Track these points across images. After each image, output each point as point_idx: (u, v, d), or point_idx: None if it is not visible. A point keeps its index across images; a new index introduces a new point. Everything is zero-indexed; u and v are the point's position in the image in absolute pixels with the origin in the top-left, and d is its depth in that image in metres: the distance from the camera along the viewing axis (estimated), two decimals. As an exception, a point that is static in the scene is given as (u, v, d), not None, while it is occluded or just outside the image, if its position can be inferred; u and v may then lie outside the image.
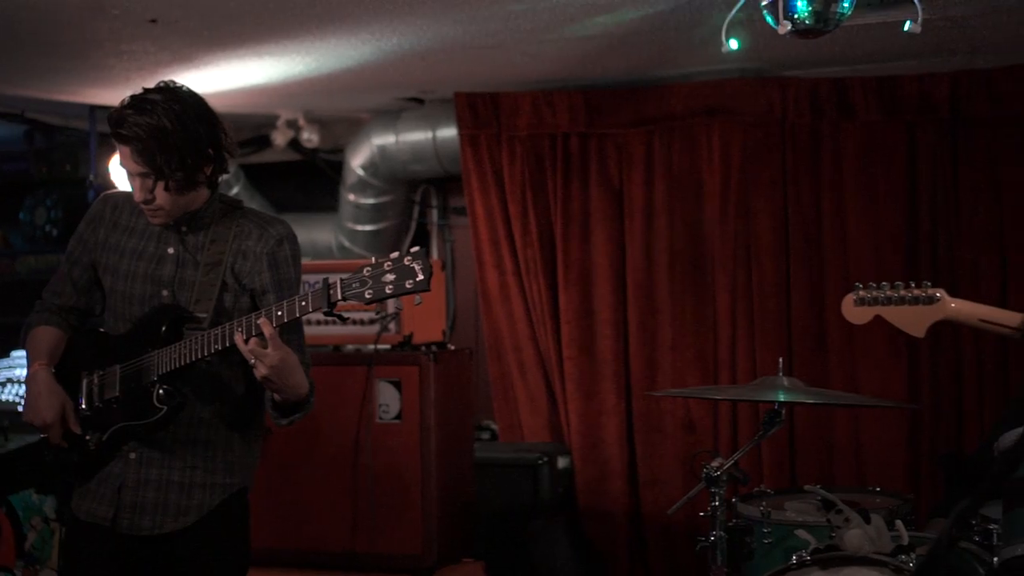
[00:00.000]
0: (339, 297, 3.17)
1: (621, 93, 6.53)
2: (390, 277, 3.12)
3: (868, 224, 6.21)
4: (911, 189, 6.19)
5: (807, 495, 4.16)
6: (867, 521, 3.69)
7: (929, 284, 3.15)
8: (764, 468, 6.24)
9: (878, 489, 4.65)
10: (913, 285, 3.15)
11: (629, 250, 6.55)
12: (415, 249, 3.15)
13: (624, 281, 6.56)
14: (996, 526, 3.85)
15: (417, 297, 3.16)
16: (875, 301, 3.15)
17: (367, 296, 3.14)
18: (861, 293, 3.22)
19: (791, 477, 6.16)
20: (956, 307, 3.12)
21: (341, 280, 3.16)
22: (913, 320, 3.11)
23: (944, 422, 6.14)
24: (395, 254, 3.14)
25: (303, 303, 3.21)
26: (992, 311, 3.05)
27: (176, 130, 3.32)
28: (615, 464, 6.55)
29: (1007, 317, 3.01)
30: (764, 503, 4.30)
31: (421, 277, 3.10)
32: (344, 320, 3.28)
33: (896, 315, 3.15)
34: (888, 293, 3.15)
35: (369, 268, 3.14)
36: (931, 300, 3.10)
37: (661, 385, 6.44)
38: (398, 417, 5.60)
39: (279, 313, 3.23)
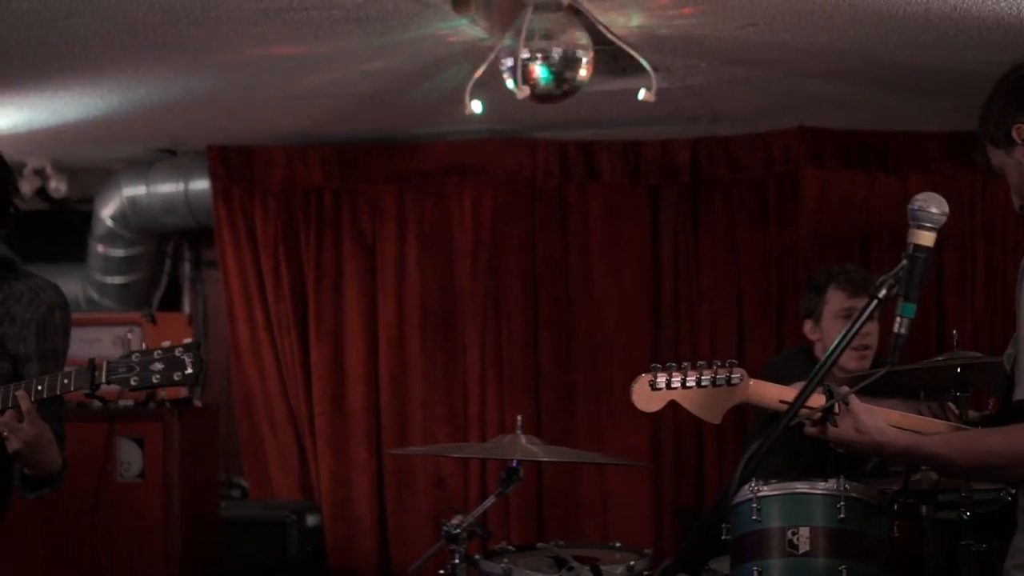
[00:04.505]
0: (103, 380, 3.09)
1: (375, 149, 6.57)
2: (159, 366, 3.06)
3: (614, 283, 6.39)
4: (654, 249, 6.40)
5: (544, 551, 4.23)
6: (598, 577, 3.77)
7: (735, 363, 2.76)
8: (512, 524, 6.31)
9: (618, 544, 4.75)
10: (718, 364, 2.76)
11: (381, 306, 6.56)
12: (187, 341, 3.11)
13: (376, 336, 6.57)
14: (726, 580, 3.99)
15: (184, 389, 3.12)
16: (672, 385, 2.73)
17: (132, 383, 3.08)
18: (659, 376, 2.73)
19: (538, 532, 6.24)
20: (758, 390, 2.77)
21: (108, 363, 3.08)
22: (711, 405, 2.74)
23: (685, 478, 6.32)
24: (167, 343, 3.08)
25: (65, 381, 3.11)
26: (793, 392, 2.71)
27: None
28: (365, 521, 6.53)
29: (810, 399, 2.66)
30: (506, 559, 4.34)
31: (190, 371, 3.06)
32: (106, 402, 3.20)
33: (693, 400, 2.73)
34: (688, 376, 2.73)
35: (138, 354, 3.07)
36: (733, 382, 2.73)
37: (412, 441, 6.46)
38: (140, 476, 5.47)
39: (39, 387, 3.11)
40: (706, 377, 2.73)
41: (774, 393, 2.76)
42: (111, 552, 5.40)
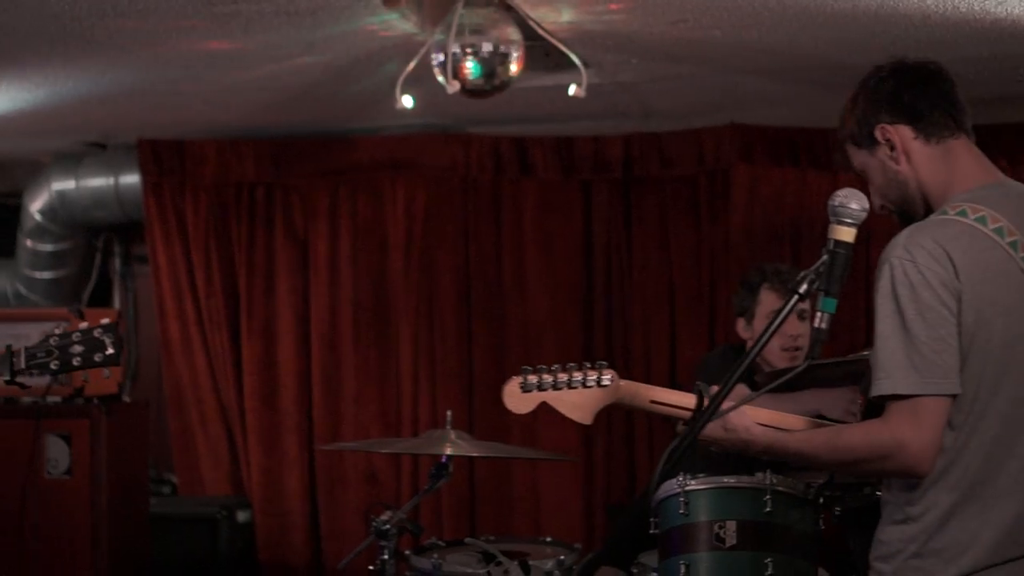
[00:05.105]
0: (22, 366, 3.06)
1: (308, 144, 6.53)
2: (78, 348, 3.04)
3: (546, 279, 6.40)
4: (587, 245, 6.41)
5: (473, 547, 4.23)
6: (526, 572, 3.78)
7: (604, 364, 2.80)
8: (444, 519, 6.32)
9: (548, 539, 4.76)
10: (587, 366, 2.80)
11: (313, 302, 6.54)
12: (105, 321, 3.08)
13: (308, 332, 6.54)
14: (655, 574, 4.02)
15: (106, 371, 3.09)
16: (543, 386, 2.77)
17: (53, 367, 3.06)
18: (530, 378, 2.78)
19: (470, 528, 6.24)
20: (628, 390, 2.83)
21: (26, 348, 3.06)
22: (581, 405, 2.79)
23: (617, 472, 6.35)
24: (84, 324, 3.06)
25: None
26: (663, 392, 2.85)
27: None
28: (296, 517, 6.50)
29: (680, 399, 2.83)
30: (436, 555, 4.34)
31: (111, 351, 3.04)
32: (25, 388, 3.17)
33: (563, 401, 2.79)
34: (558, 377, 2.78)
35: (56, 338, 3.05)
36: (603, 383, 2.78)
37: (344, 437, 6.44)
38: (67, 473, 5.42)
39: None
40: (576, 378, 2.78)
41: (645, 393, 2.84)
42: (38, 549, 5.34)
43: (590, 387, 2.78)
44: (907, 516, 2.63)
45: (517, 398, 2.82)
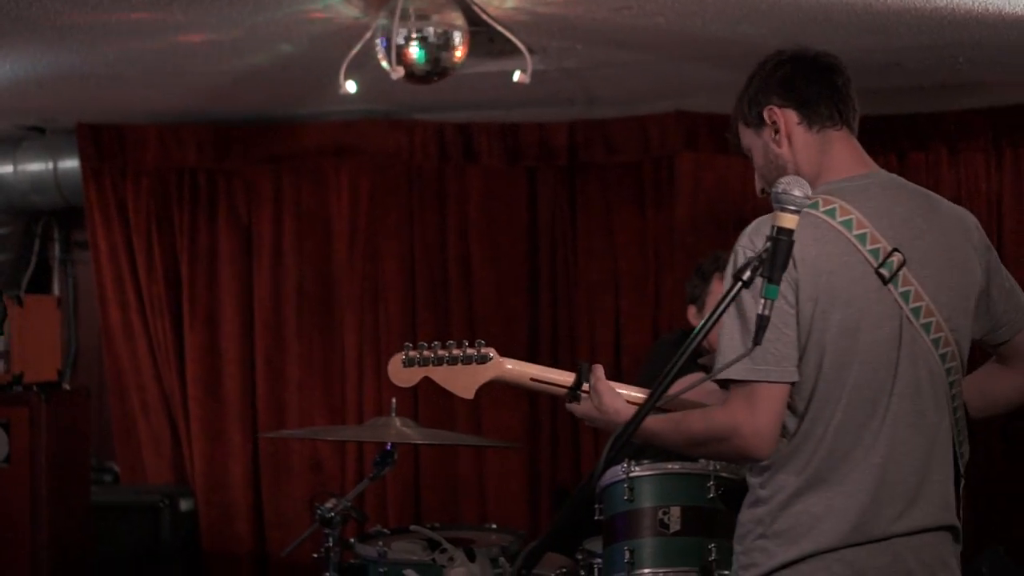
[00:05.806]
0: None
1: (252, 129, 6.48)
2: None
3: (491, 266, 6.38)
4: (532, 232, 6.40)
5: (417, 534, 4.23)
6: (472, 559, 3.78)
7: (483, 343, 2.92)
8: (390, 507, 6.30)
9: (494, 526, 4.78)
10: (467, 344, 2.91)
11: (257, 289, 6.49)
12: None
13: (251, 319, 6.49)
14: (599, 560, 4.03)
15: None
16: (424, 362, 2.89)
17: None
18: (411, 353, 2.90)
19: (416, 515, 6.23)
20: (508, 367, 2.95)
21: None
22: (463, 381, 2.89)
23: (563, 459, 6.35)
24: None
25: None
26: (544, 370, 2.95)
27: None
28: (240, 506, 6.46)
29: (560, 377, 2.94)
30: (381, 542, 4.35)
31: None
32: None
33: (445, 376, 2.90)
34: (439, 353, 2.90)
35: None
36: (483, 359, 2.89)
37: (289, 425, 6.40)
38: (6, 461, 5.35)
39: None
40: (456, 354, 2.91)
41: (525, 370, 2.96)
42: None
43: (469, 363, 2.89)
44: (758, 498, 2.71)
45: (400, 372, 2.94)
